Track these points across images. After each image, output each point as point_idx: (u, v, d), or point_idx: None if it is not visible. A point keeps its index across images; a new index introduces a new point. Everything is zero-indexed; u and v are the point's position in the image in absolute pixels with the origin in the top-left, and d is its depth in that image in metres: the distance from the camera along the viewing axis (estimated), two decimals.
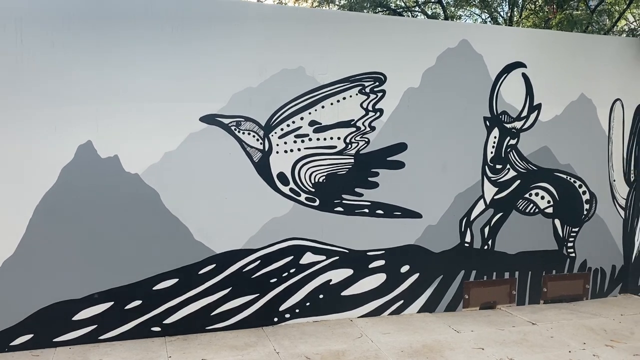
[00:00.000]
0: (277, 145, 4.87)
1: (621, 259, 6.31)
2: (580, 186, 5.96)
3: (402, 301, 5.48)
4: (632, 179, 6.22)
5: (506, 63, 5.52)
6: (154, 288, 4.69)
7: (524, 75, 5.59)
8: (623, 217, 6.25)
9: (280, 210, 4.95)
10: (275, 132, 4.85)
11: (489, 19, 8.56)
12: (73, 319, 4.53)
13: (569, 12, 7.43)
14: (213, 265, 4.82)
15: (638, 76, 6.10)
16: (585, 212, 6.04)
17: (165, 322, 4.75)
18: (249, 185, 4.83)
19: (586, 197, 6.01)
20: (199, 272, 4.80)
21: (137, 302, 4.67)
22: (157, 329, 4.74)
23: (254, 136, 4.78)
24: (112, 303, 4.60)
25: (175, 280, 4.74)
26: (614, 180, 6.13)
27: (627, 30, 6.35)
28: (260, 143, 4.81)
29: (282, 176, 4.92)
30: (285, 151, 4.91)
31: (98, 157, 4.47)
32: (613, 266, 6.29)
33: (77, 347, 4.52)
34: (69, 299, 4.50)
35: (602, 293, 6.27)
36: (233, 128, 4.72)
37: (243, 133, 4.75)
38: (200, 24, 4.59)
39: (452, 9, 9.62)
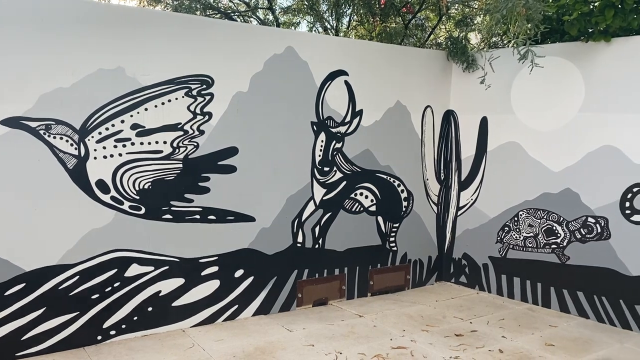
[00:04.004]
0: (95, 150, 4.52)
1: (436, 250, 7.00)
2: (398, 185, 6.48)
3: (236, 306, 5.45)
4: (442, 178, 6.93)
5: (330, 70, 5.77)
6: None
7: (347, 83, 5.91)
8: (436, 212, 6.93)
9: (101, 220, 4.61)
10: (92, 137, 4.50)
11: (319, 27, 8.93)
12: None
13: (387, 25, 8.05)
14: (22, 285, 4.33)
15: (445, 85, 6.81)
16: (404, 209, 6.59)
17: None
18: (62, 194, 4.41)
19: (404, 195, 6.56)
20: (5, 294, 4.28)
21: None
22: None
23: (67, 141, 4.38)
24: None
25: None
26: (427, 179, 6.78)
27: (435, 44, 7.10)
28: (75, 148, 4.43)
29: (101, 183, 4.58)
30: (105, 157, 4.58)
31: None
32: (429, 257, 6.94)
33: None
34: None
35: (421, 282, 6.89)
36: (42, 132, 4.27)
37: (54, 137, 4.32)
38: None
39: (288, 15, 9.83)
